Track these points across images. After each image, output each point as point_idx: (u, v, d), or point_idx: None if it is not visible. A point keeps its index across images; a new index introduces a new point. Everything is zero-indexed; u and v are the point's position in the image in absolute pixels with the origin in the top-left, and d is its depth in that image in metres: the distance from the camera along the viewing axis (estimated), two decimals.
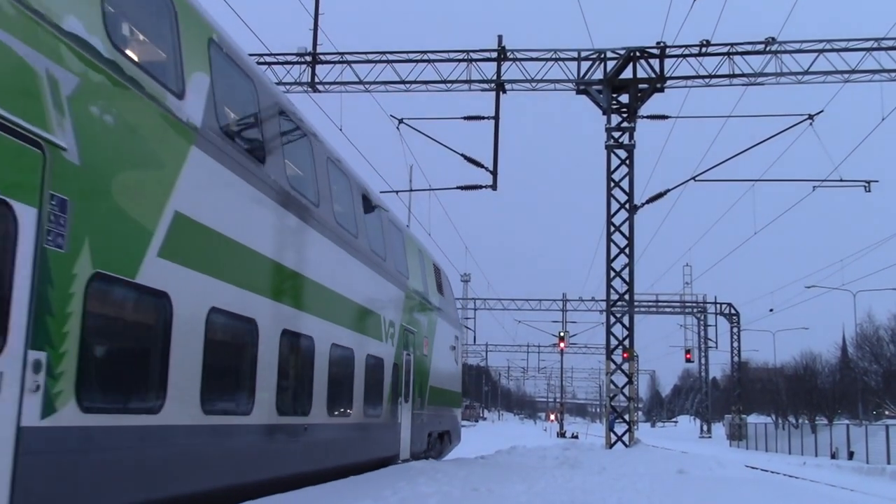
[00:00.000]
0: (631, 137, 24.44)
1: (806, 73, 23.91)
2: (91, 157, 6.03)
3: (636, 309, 25.33)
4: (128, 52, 6.81)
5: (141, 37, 7.43)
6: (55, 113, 5.65)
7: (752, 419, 67.47)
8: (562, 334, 59.29)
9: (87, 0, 6.25)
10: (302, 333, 10.63)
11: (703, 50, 24.20)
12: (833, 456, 42.61)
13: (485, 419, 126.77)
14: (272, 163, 9.76)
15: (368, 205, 14.70)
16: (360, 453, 13.62)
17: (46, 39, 5.61)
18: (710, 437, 78.62)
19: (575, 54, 24.80)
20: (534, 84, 24.96)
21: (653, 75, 24.30)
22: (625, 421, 24.52)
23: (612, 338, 24.67)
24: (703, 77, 24.32)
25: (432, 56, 25.22)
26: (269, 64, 25.23)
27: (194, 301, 7.64)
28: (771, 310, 60.70)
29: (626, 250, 24.41)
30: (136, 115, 6.79)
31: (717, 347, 72.30)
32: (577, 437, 55.69)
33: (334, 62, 25.51)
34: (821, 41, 23.99)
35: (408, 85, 25.22)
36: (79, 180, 5.88)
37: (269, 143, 9.83)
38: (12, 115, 5.19)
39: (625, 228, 24.47)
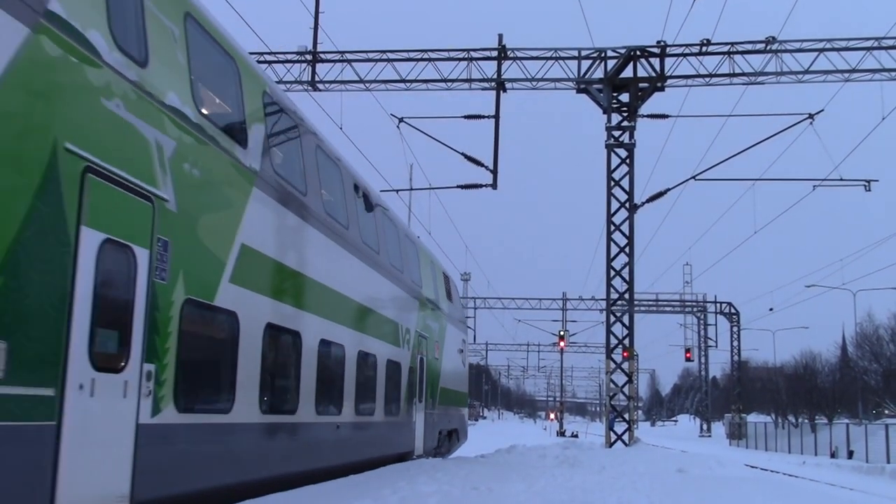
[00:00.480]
0: (631, 136, 24.44)
1: (806, 72, 23.89)
2: (184, 204, 7.55)
3: (636, 308, 25.33)
4: (206, 112, 8.28)
5: (216, 99, 8.86)
6: (160, 171, 7.18)
7: (752, 418, 67.43)
8: (562, 333, 59.32)
9: (181, 75, 7.79)
10: (335, 342, 12.15)
11: (704, 49, 24.18)
12: (833, 455, 42.61)
13: (485, 418, 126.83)
14: (312, 193, 11.27)
15: (388, 221, 16.29)
16: (382, 449, 15.14)
17: (156, 115, 7.19)
18: (709, 436, 78.62)
19: (575, 53, 24.79)
20: (534, 83, 24.95)
21: (653, 74, 24.28)
22: (624, 420, 24.53)
23: (611, 337, 24.67)
24: (703, 76, 24.31)
25: (433, 55, 25.21)
26: (270, 63, 25.22)
27: (255, 318, 9.11)
28: (771, 309, 60.77)
29: (626, 249, 24.41)
30: (213, 166, 8.35)
31: (716, 346, 72.32)
32: (576, 436, 55.64)
33: (335, 61, 25.48)
34: (821, 40, 23.97)
35: (408, 84, 25.21)
36: (176, 224, 7.39)
37: (309, 176, 11.32)
38: (133, 177, 6.72)
39: (625, 227, 24.47)
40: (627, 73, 24.40)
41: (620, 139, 24.46)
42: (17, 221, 5.48)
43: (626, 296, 24.44)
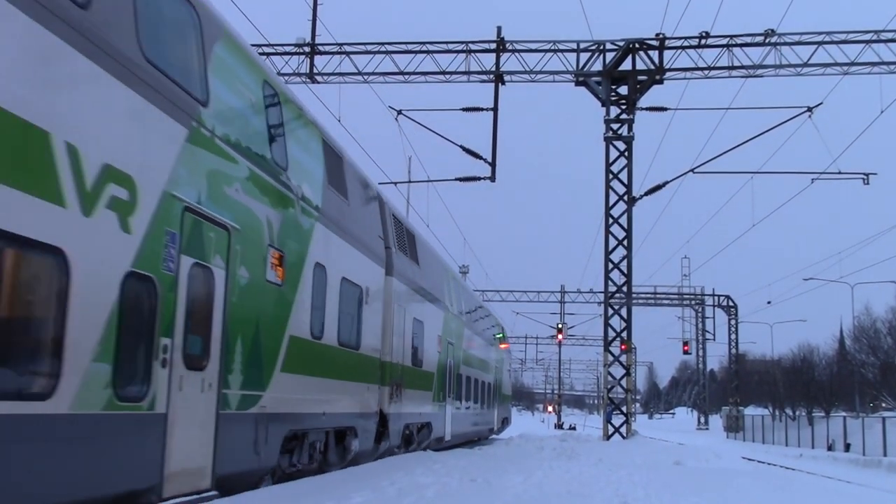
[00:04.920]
0: (630, 129, 24.43)
1: (805, 65, 23.88)
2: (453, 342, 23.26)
3: (634, 301, 25.40)
4: (467, 311, 25.40)
5: (462, 302, 24.69)
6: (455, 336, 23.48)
7: (750, 411, 67.49)
8: (560, 326, 59.39)
9: (453, 300, 23.18)
10: (476, 378, 25.90)
11: (703, 42, 24.17)
12: (830, 448, 42.68)
13: None
14: (469, 319, 25.20)
15: (486, 311, 31.50)
16: (485, 425, 29.99)
17: (444, 312, 21.85)
18: (707, 428, 78.72)
19: (574, 46, 24.76)
20: (533, 75, 24.93)
21: (652, 67, 24.27)
22: (622, 412, 24.59)
23: (610, 330, 24.73)
24: (702, 69, 24.30)
25: (431, 47, 25.17)
26: (268, 55, 25.13)
27: (468, 375, 24.70)
28: (769, 302, 60.74)
29: (625, 242, 24.44)
30: (458, 323, 23.72)
31: (714, 339, 72.13)
32: (574, 428, 55.81)
33: (333, 53, 25.44)
34: (820, 33, 23.95)
35: (406, 76, 25.17)
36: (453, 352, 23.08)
37: (471, 310, 25.82)
38: (453, 339, 22.70)
39: (623, 220, 24.50)
40: (626, 65, 24.40)
41: (619, 132, 24.45)
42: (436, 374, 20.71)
43: (624, 288, 24.48)
